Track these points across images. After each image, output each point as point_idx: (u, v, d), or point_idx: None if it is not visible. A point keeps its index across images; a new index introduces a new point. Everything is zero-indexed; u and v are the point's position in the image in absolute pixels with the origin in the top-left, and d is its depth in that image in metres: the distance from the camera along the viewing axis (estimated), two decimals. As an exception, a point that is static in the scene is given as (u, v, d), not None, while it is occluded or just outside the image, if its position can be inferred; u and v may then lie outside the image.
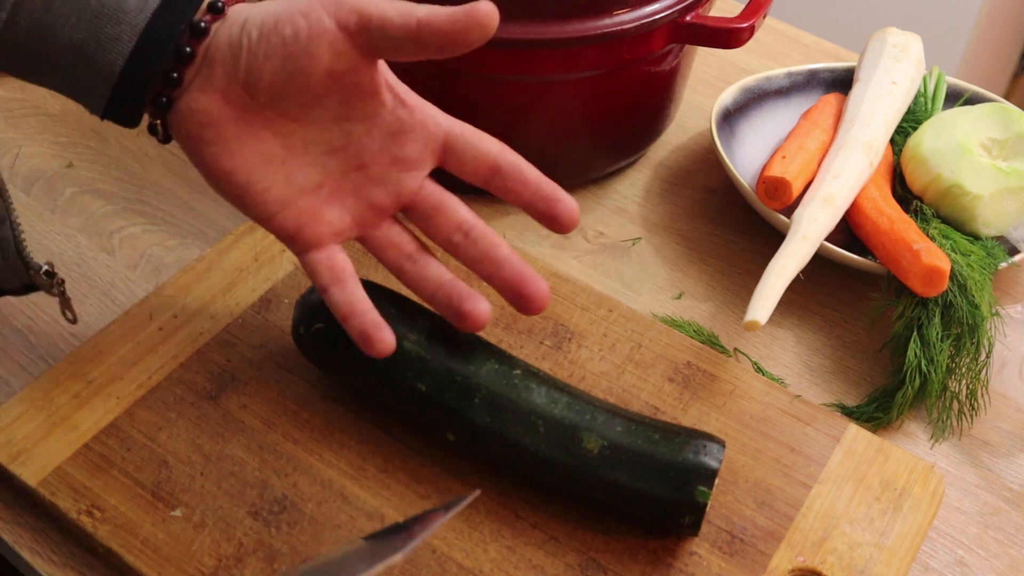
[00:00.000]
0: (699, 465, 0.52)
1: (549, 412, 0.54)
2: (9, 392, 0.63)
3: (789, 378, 0.67)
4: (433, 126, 0.53)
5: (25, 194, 0.76)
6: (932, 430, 0.64)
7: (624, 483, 0.52)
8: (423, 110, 0.54)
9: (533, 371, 0.56)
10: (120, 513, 0.54)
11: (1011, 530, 0.60)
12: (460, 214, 0.55)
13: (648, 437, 0.53)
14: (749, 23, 0.70)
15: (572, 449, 0.53)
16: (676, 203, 0.79)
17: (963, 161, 0.70)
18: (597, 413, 0.54)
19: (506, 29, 0.66)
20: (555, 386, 0.55)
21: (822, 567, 0.54)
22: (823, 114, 0.77)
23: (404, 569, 0.53)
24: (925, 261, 0.64)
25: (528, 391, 0.54)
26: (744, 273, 0.73)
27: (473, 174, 0.54)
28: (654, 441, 0.53)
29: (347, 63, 0.49)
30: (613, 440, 0.53)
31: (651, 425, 0.54)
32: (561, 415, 0.54)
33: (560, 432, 0.53)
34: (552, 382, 0.55)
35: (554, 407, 0.54)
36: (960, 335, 0.65)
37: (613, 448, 0.53)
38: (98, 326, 0.66)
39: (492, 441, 0.54)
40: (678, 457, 0.52)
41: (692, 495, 0.52)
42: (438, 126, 0.54)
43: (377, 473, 0.57)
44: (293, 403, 0.60)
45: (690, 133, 0.85)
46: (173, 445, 0.57)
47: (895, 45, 0.79)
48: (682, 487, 0.52)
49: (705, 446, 0.53)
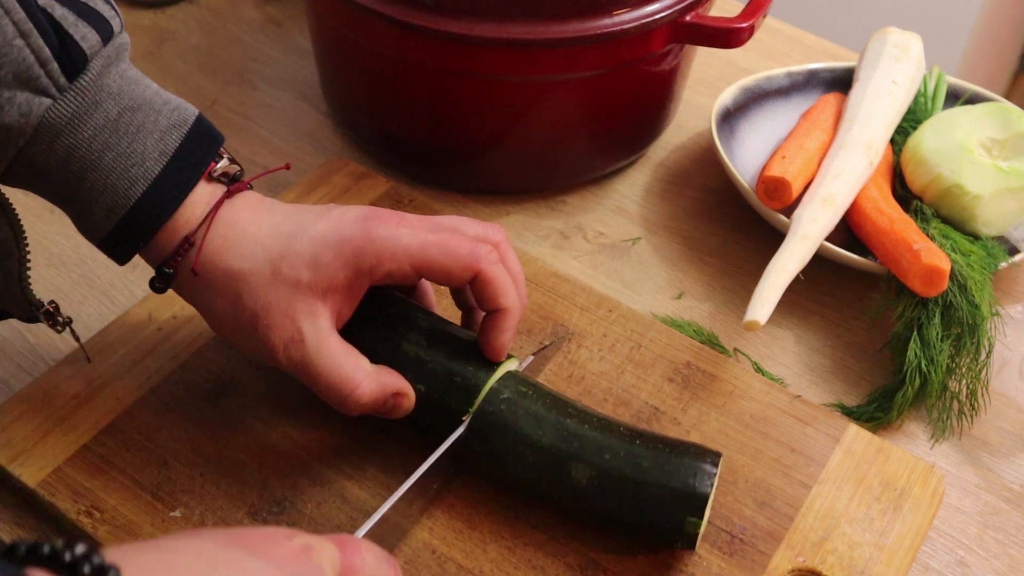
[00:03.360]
0: (689, 495, 0.51)
1: (538, 442, 0.53)
2: (9, 392, 0.63)
3: (789, 378, 0.67)
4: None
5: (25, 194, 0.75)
6: (932, 430, 0.64)
7: (614, 511, 0.52)
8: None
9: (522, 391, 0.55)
10: (120, 514, 0.54)
11: (1011, 530, 0.59)
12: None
13: (637, 466, 0.52)
14: (749, 23, 0.70)
15: (561, 478, 0.53)
16: (676, 203, 0.79)
17: (963, 161, 0.70)
18: (586, 440, 0.53)
19: (506, 29, 0.66)
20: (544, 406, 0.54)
21: (822, 567, 0.54)
22: (823, 114, 0.77)
23: (404, 569, 0.53)
24: (925, 261, 0.64)
25: (515, 416, 0.53)
26: (744, 273, 0.73)
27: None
28: (643, 470, 0.52)
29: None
30: (601, 469, 0.52)
31: (642, 447, 0.52)
32: (549, 444, 0.53)
33: (547, 462, 0.53)
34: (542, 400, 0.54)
35: (542, 436, 0.53)
36: (960, 335, 0.65)
37: (601, 478, 0.52)
38: (98, 326, 0.66)
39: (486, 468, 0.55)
40: (667, 489, 0.51)
41: (682, 526, 0.51)
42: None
43: (377, 473, 0.57)
44: (293, 403, 0.60)
45: (690, 133, 0.85)
46: (173, 445, 0.57)
47: (895, 45, 0.79)
48: (672, 519, 0.51)
49: (695, 472, 0.51)
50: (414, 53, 0.69)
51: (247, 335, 0.52)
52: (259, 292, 0.52)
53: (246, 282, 0.52)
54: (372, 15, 0.67)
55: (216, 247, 0.52)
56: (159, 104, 0.52)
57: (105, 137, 0.50)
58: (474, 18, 0.66)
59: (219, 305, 0.53)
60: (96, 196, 0.51)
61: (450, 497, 0.56)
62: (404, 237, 0.52)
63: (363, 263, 0.52)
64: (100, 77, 0.50)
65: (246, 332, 0.52)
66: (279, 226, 0.53)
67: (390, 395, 0.53)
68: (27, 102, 0.48)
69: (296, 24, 0.93)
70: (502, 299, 0.54)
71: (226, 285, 0.52)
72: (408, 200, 0.73)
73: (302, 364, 0.52)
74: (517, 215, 0.76)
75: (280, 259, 0.52)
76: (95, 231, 0.53)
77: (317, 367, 0.52)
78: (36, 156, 0.50)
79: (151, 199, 0.51)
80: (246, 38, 0.91)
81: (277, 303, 0.51)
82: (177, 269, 0.53)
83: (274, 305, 0.51)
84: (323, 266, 0.52)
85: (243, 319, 0.52)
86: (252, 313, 0.52)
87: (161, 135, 0.52)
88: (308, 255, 0.52)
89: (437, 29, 0.66)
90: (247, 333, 0.52)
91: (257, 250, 0.52)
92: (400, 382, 0.54)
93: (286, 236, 0.52)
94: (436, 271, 0.53)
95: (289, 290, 0.51)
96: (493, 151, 0.75)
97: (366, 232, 0.52)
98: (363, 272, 0.52)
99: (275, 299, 0.51)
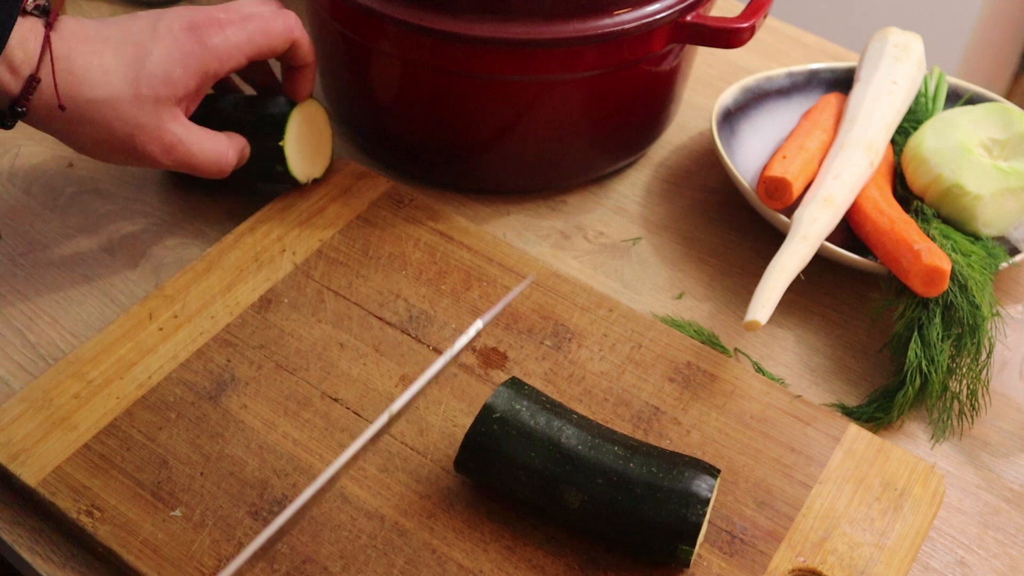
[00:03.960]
0: (680, 524, 0.51)
1: (529, 464, 0.53)
2: (9, 392, 0.62)
3: (789, 378, 0.67)
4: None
5: (25, 194, 0.76)
6: (932, 430, 0.64)
7: (606, 534, 0.53)
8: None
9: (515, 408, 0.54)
10: (120, 513, 0.54)
11: (1011, 530, 0.59)
12: None
13: (630, 493, 0.52)
14: (749, 23, 0.70)
15: (555, 500, 0.53)
16: (676, 203, 0.79)
17: (964, 161, 0.70)
18: (578, 463, 0.52)
19: (506, 29, 0.66)
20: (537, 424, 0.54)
21: (822, 567, 0.54)
22: (823, 114, 0.77)
23: (404, 569, 0.53)
24: (926, 261, 0.64)
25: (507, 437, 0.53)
26: (744, 273, 0.73)
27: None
28: (635, 498, 0.52)
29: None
30: (594, 494, 0.52)
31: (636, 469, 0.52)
32: (541, 467, 0.53)
33: (540, 484, 0.53)
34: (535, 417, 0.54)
35: (534, 459, 0.53)
36: (961, 335, 0.65)
37: (594, 502, 0.52)
38: (98, 326, 0.66)
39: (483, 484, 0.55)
40: (658, 517, 0.51)
41: (674, 552, 0.52)
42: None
43: (377, 473, 0.57)
44: (293, 403, 0.60)
45: (690, 133, 0.85)
46: (173, 445, 0.57)
47: (896, 45, 0.79)
48: (663, 546, 0.52)
49: (688, 502, 0.51)
50: (414, 53, 0.69)
51: (123, 152, 0.62)
52: (127, 114, 0.60)
53: (112, 108, 0.60)
54: (372, 15, 0.67)
55: (67, 82, 0.58)
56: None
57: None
58: (474, 18, 0.66)
59: (88, 132, 0.60)
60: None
61: (450, 497, 0.56)
62: (232, 37, 0.63)
63: (208, 69, 0.63)
64: None
65: (122, 150, 0.62)
66: (119, 52, 0.60)
67: (241, 149, 0.68)
68: None
69: (296, 24, 0.93)
70: (310, 56, 0.68)
71: (91, 114, 0.59)
72: (408, 200, 0.73)
73: (185, 158, 0.64)
74: (517, 215, 0.76)
75: (136, 82, 0.60)
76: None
77: (196, 156, 0.64)
78: None
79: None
80: (246, 38, 0.91)
81: (147, 120, 0.61)
82: (30, 107, 0.58)
83: (144, 123, 0.61)
84: (176, 80, 0.61)
85: (117, 140, 0.61)
86: (126, 134, 0.61)
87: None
88: (160, 74, 0.61)
89: (437, 29, 0.66)
90: (123, 151, 0.62)
91: (112, 78, 0.59)
92: (241, 139, 0.68)
93: (132, 60, 0.60)
94: (265, 53, 0.66)
95: (153, 106, 0.61)
96: (493, 151, 0.75)
97: (202, 43, 0.62)
98: (209, 76, 0.63)
99: (143, 117, 0.61)
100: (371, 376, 0.62)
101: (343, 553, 0.53)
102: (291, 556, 0.53)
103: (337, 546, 0.54)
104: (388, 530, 0.54)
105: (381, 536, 0.54)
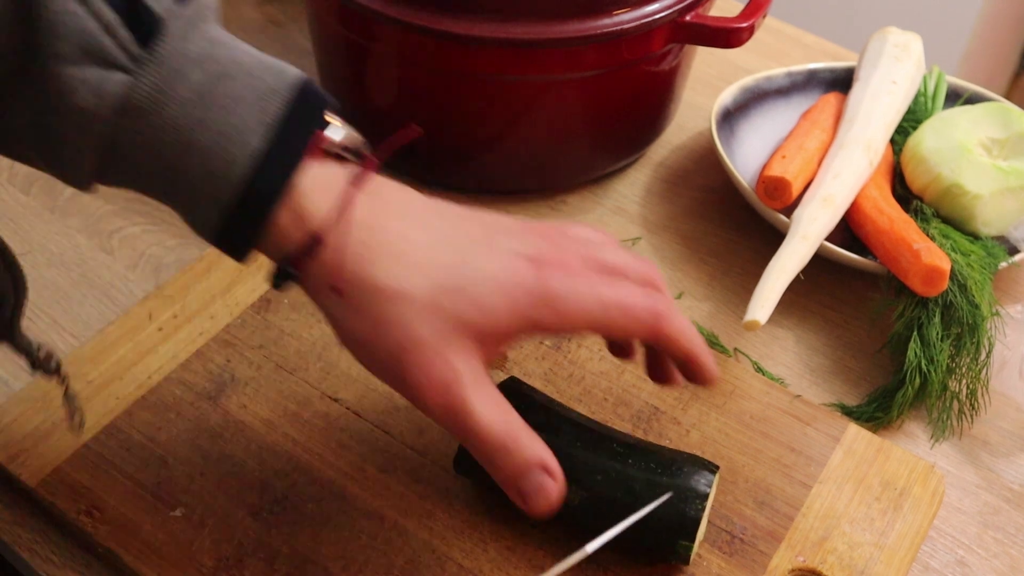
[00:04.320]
0: (679, 521, 0.51)
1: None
2: (9, 392, 0.62)
3: (789, 378, 0.67)
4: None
5: (25, 194, 0.76)
6: (932, 430, 0.64)
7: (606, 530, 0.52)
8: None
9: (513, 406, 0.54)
10: (120, 513, 0.54)
11: (1011, 530, 0.59)
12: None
13: (629, 489, 0.52)
14: (749, 23, 0.70)
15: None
16: (676, 203, 0.79)
17: (963, 160, 0.70)
18: (577, 461, 0.52)
19: (506, 29, 0.66)
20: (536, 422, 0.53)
21: (822, 567, 0.54)
22: (823, 114, 0.77)
23: (404, 569, 0.53)
24: (925, 261, 0.64)
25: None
26: (744, 273, 0.73)
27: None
28: (634, 494, 0.52)
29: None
30: (593, 491, 0.52)
31: (635, 467, 0.52)
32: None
33: None
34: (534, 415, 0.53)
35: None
36: (960, 335, 0.65)
37: (593, 499, 0.52)
38: (98, 326, 0.66)
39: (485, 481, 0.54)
40: (657, 513, 0.51)
41: (674, 548, 0.52)
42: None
43: (377, 473, 0.57)
44: (293, 403, 0.60)
45: (690, 133, 0.85)
46: (173, 445, 0.57)
47: (895, 45, 0.79)
48: (663, 543, 0.52)
49: (687, 497, 0.51)
50: (414, 53, 0.69)
51: (383, 364, 0.46)
52: (411, 322, 0.45)
53: (396, 306, 0.45)
54: (372, 15, 0.67)
55: (357, 256, 0.45)
56: (255, 67, 0.44)
57: (195, 112, 0.42)
58: (474, 18, 0.66)
59: (354, 323, 0.46)
60: (197, 184, 0.44)
61: (450, 497, 0.56)
62: (581, 293, 0.46)
63: (537, 318, 0.46)
64: (180, 42, 0.42)
65: (383, 361, 0.46)
66: (435, 250, 0.46)
67: (542, 458, 0.46)
68: (98, 78, 0.41)
69: (296, 24, 0.93)
70: (689, 348, 0.49)
71: (369, 303, 0.45)
72: (408, 200, 0.73)
73: (458, 406, 0.45)
74: (517, 215, 0.76)
75: (443, 292, 0.45)
76: (207, 228, 0.45)
77: (473, 414, 0.45)
78: (122, 145, 0.43)
79: (258, 178, 0.43)
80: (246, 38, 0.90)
81: (430, 339, 0.45)
82: (304, 272, 0.46)
83: (427, 341, 0.45)
84: (492, 311, 0.45)
85: (384, 347, 0.45)
86: (398, 344, 0.45)
87: (259, 103, 0.43)
88: (477, 295, 0.45)
89: (437, 29, 0.66)
90: (384, 362, 0.46)
91: (414, 274, 0.45)
92: (549, 454, 0.46)
93: (448, 264, 0.46)
94: (615, 333, 0.49)
95: (448, 327, 0.45)
96: (492, 151, 0.75)
97: (541, 283, 0.46)
98: (532, 325, 0.46)
99: (428, 334, 0.45)
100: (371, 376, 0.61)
101: (343, 553, 0.53)
102: (291, 556, 0.53)
103: (337, 546, 0.54)
104: (388, 530, 0.55)
105: (381, 536, 0.54)
